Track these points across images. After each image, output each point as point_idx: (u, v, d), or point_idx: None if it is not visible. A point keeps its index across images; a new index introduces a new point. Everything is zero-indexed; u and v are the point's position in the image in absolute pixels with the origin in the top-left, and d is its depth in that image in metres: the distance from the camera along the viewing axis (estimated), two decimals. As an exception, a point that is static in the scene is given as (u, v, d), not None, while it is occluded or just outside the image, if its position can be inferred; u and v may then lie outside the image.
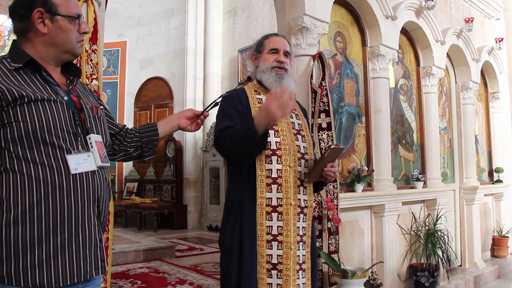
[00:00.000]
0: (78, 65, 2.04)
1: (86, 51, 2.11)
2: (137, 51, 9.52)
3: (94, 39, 2.18)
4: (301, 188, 2.10)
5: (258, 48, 2.26)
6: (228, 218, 2.10)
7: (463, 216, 5.35)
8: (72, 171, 1.32)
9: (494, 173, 6.25)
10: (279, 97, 1.79)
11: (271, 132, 2.06)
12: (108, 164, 1.49)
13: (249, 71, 2.43)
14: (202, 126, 2.10)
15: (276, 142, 2.06)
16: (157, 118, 8.84)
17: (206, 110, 1.93)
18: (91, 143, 1.41)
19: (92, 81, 2.16)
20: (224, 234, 2.10)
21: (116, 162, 9.09)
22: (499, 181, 6.16)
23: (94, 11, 2.17)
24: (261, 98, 2.18)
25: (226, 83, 8.64)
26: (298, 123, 2.21)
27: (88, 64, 2.14)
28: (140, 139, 1.78)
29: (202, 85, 8.67)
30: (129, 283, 4.28)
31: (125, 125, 1.84)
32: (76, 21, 1.43)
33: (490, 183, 6.11)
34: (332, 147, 1.98)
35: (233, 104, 2.13)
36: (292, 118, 2.20)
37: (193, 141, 8.47)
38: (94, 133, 1.45)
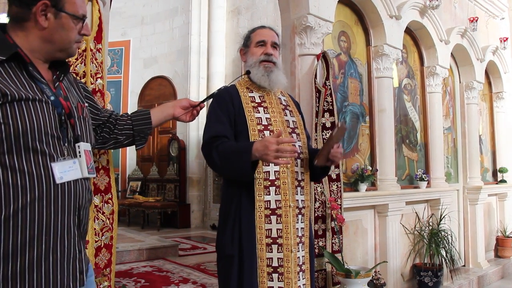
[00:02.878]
0: (83, 64, 2.04)
1: (91, 49, 2.11)
2: (141, 50, 9.53)
3: (99, 38, 2.17)
4: (299, 188, 2.07)
5: (246, 43, 2.20)
6: (226, 223, 2.04)
7: (467, 216, 5.34)
8: (58, 181, 1.22)
9: (498, 173, 6.25)
10: (281, 141, 1.78)
11: (267, 132, 2.03)
12: (94, 175, 1.40)
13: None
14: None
15: None
16: (160, 117, 8.81)
17: (203, 101, 1.90)
18: (79, 152, 1.32)
19: (96, 80, 2.16)
20: (223, 239, 2.04)
21: (120, 162, 9.12)
22: (503, 181, 6.15)
23: (99, 10, 2.17)
24: (254, 96, 2.12)
25: (229, 82, 8.62)
26: (293, 121, 2.16)
27: (92, 63, 2.14)
28: (132, 127, 1.72)
29: (205, 84, 8.67)
30: (132, 282, 4.29)
31: (113, 111, 1.76)
32: (80, 22, 1.34)
33: (494, 183, 6.10)
34: (339, 125, 1.95)
35: (225, 105, 2.06)
36: (287, 115, 2.14)
37: (196, 140, 8.46)
38: (83, 141, 1.35)
